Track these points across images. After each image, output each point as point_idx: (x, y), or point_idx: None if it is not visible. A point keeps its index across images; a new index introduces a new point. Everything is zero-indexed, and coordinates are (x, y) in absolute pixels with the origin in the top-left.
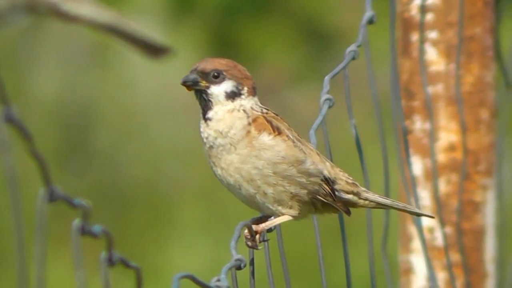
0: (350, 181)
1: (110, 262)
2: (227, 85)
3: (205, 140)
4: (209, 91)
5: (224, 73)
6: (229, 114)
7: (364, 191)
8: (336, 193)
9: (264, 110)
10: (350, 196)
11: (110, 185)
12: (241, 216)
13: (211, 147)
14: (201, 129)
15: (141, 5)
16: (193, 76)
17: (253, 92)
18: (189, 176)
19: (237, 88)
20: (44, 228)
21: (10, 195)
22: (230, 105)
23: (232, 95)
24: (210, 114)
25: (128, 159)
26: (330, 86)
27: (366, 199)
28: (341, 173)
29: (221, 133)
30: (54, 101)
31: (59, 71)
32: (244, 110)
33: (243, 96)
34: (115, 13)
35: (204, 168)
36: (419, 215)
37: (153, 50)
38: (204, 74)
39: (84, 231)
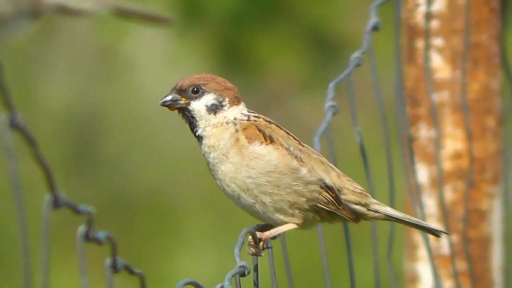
0: (358, 191)
1: (115, 268)
2: (207, 99)
3: (204, 156)
4: (190, 107)
5: (203, 87)
6: (216, 129)
7: (375, 203)
8: (343, 201)
9: (253, 118)
10: (357, 207)
11: (117, 193)
12: (247, 224)
13: (208, 162)
14: (200, 147)
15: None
16: (172, 95)
17: (236, 101)
18: (195, 184)
19: (218, 100)
20: (48, 235)
21: (15, 201)
22: (214, 119)
23: (214, 108)
24: (199, 131)
25: (136, 167)
26: (336, 94)
27: (376, 211)
28: (349, 182)
29: (213, 147)
30: (63, 109)
31: (68, 79)
32: (228, 122)
33: (225, 108)
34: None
35: (210, 176)
36: (432, 232)
37: (156, 20)
38: (183, 91)
39: (89, 238)
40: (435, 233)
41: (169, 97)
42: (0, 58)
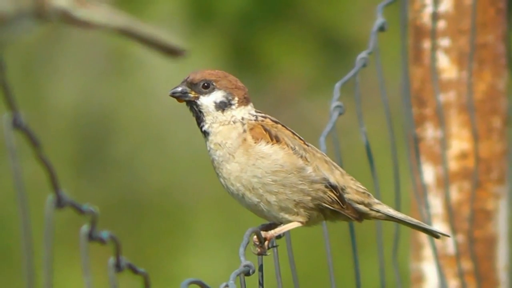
0: (361, 190)
1: (118, 267)
2: (216, 96)
3: (209, 153)
4: (198, 101)
5: (214, 83)
6: (223, 126)
7: (378, 203)
8: (347, 200)
9: (260, 118)
10: (360, 206)
11: (126, 194)
12: (256, 224)
13: (213, 159)
14: (206, 143)
15: (160, 14)
16: (182, 87)
17: (245, 102)
18: (205, 185)
19: (227, 98)
20: (51, 234)
21: (18, 201)
22: (221, 116)
23: (222, 106)
24: (205, 127)
25: (145, 168)
26: (343, 94)
27: (378, 211)
28: (352, 181)
29: (219, 145)
30: (72, 110)
31: (77, 80)
32: (236, 121)
33: (233, 107)
34: (128, 16)
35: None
36: (433, 233)
37: (168, 50)
38: (194, 85)
39: (92, 237)
40: (436, 234)
41: (179, 89)
42: (3, 57)
